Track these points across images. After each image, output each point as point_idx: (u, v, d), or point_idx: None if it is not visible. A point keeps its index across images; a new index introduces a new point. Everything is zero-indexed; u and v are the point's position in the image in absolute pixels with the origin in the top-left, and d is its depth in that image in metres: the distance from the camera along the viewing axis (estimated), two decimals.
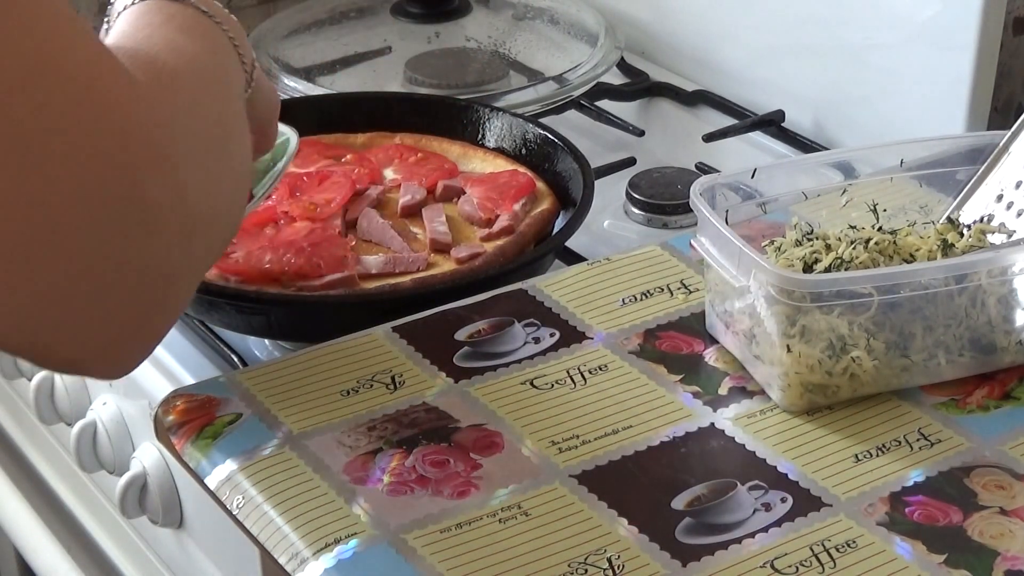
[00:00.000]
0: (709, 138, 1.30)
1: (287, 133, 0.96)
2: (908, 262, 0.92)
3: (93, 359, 0.64)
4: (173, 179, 0.61)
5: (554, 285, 1.01)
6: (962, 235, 0.94)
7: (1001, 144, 1.00)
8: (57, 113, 0.57)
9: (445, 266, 1.05)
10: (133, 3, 0.77)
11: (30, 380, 1.20)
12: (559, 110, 1.32)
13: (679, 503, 0.83)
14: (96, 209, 0.58)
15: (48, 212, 0.57)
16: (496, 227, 1.08)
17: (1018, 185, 0.98)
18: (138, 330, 0.63)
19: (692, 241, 0.95)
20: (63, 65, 0.58)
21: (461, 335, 0.96)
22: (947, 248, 0.92)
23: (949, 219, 0.97)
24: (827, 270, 0.90)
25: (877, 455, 0.86)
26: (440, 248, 1.06)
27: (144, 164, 0.60)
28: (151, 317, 0.63)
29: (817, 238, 0.93)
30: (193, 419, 0.89)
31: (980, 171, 1.00)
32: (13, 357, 1.23)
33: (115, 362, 0.65)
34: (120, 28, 0.74)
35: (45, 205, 0.57)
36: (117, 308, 0.61)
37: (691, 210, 0.95)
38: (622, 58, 1.39)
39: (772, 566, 0.79)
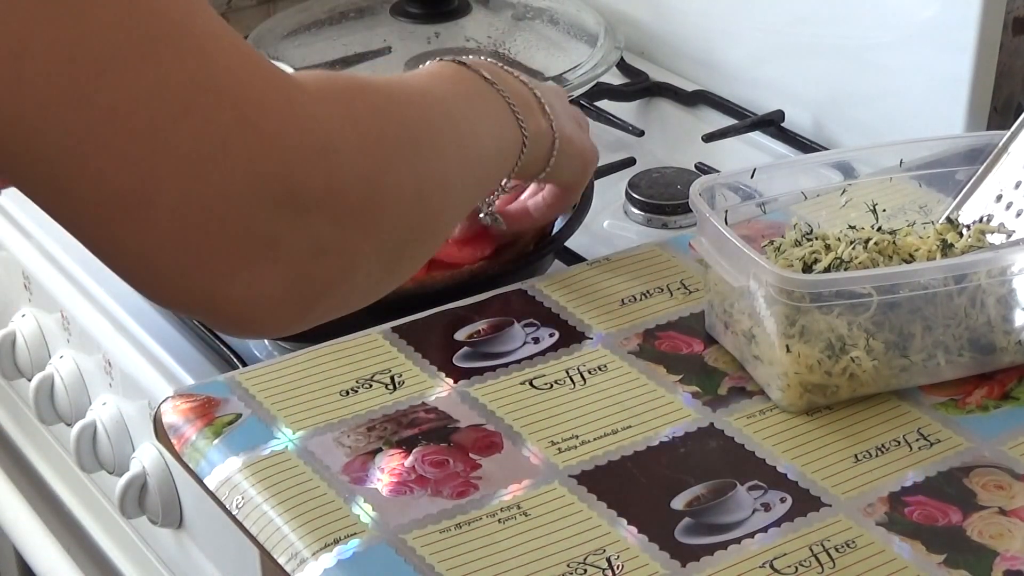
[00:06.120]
0: (709, 138, 1.30)
1: None
2: (908, 262, 0.92)
3: (252, 318, 0.68)
4: (326, 165, 0.66)
5: (554, 285, 1.01)
6: (961, 235, 0.94)
7: (1001, 144, 1.00)
8: (219, 139, 0.62)
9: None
10: (437, 59, 0.88)
11: (30, 380, 1.20)
12: None
13: (679, 503, 0.83)
14: (252, 194, 0.64)
15: (211, 200, 0.63)
16: None
17: (1017, 185, 0.98)
18: (288, 292, 0.67)
19: (692, 241, 0.95)
20: (224, 87, 0.63)
21: (461, 335, 0.96)
22: (947, 248, 0.92)
23: (949, 219, 0.97)
24: (826, 270, 0.90)
25: (877, 455, 0.86)
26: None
27: (298, 155, 0.65)
28: (301, 285, 0.68)
29: (817, 238, 0.93)
30: (193, 419, 0.89)
31: (979, 171, 1.00)
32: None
33: (262, 324, 0.70)
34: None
35: (211, 196, 0.63)
36: (270, 273, 0.66)
37: (691, 210, 0.95)
38: (622, 58, 1.39)
39: (772, 566, 0.79)
